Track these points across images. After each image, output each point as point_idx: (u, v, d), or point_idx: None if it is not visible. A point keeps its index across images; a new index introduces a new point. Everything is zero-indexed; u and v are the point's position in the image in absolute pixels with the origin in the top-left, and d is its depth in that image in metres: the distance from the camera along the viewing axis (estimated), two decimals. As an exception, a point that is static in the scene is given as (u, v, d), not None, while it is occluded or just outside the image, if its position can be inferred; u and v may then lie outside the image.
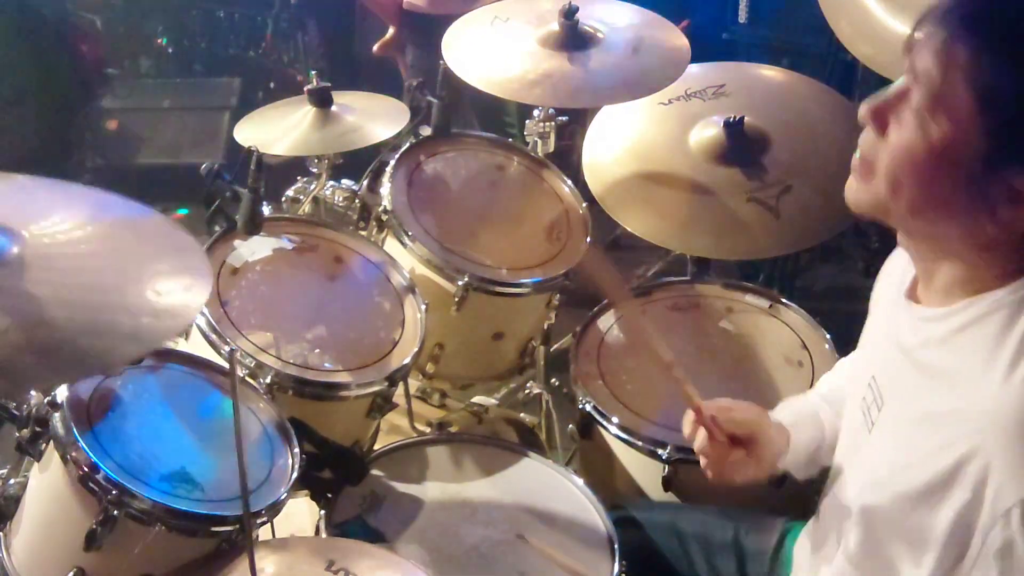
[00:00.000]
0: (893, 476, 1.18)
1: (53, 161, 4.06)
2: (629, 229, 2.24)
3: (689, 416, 1.53)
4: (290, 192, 2.63)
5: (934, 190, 1.13)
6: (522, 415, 2.36)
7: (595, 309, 2.23)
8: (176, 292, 1.33)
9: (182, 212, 3.37)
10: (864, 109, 1.18)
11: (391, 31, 3.57)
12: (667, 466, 1.90)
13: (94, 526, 1.44)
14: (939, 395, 1.15)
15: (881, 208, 1.18)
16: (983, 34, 1.09)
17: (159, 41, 4.61)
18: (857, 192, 1.21)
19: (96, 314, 1.25)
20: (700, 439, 1.51)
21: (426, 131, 2.34)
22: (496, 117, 3.54)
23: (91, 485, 1.45)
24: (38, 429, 1.51)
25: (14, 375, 1.18)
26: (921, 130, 1.11)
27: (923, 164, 1.12)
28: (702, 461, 1.52)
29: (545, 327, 2.33)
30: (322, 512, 1.75)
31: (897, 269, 1.35)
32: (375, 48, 3.61)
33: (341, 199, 2.55)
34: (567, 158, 2.62)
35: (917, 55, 1.13)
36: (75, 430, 1.47)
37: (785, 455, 1.52)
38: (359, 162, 2.48)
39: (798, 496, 1.68)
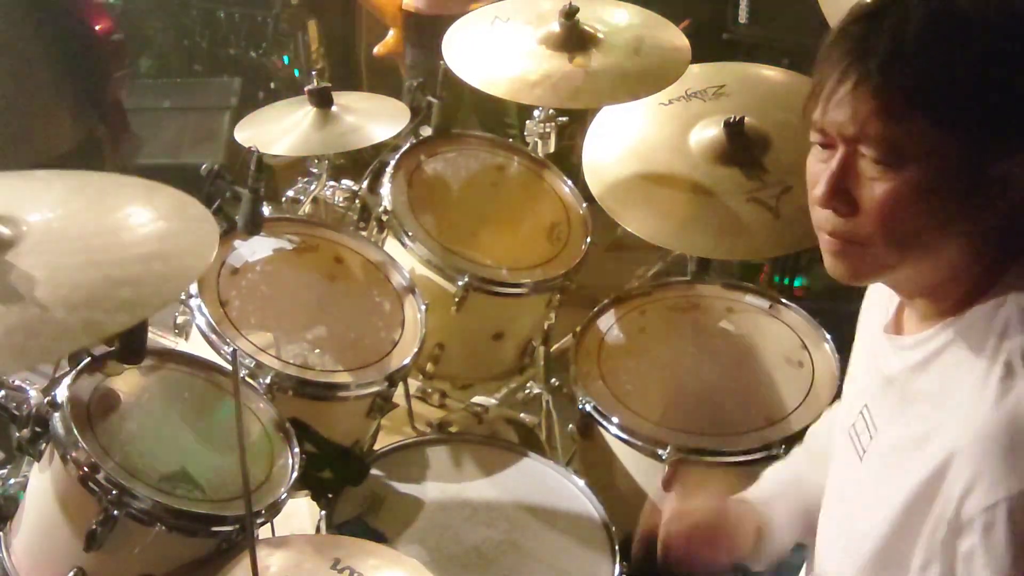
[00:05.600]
0: (884, 498, 1.18)
1: (101, 150, 3.92)
2: (629, 229, 2.24)
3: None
4: (290, 192, 2.63)
5: (937, 220, 1.09)
6: (522, 415, 2.37)
7: (595, 309, 2.23)
8: (179, 256, 1.33)
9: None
10: (823, 196, 1.12)
11: (391, 33, 3.57)
12: (667, 466, 1.90)
13: (94, 526, 1.44)
14: (924, 417, 1.15)
15: (885, 270, 1.16)
16: (917, 65, 1.05)
17: (159, 41, 4.61)
18: (857, 267, 1.16)
19: (89, 289, 1.25)
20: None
21: (426, 131, 2.34)
22: (497, 119, 3.54)
23: (91, 485, 1.45)
24: (38, 429, 1.51)
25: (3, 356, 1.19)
26: (896, 179, 1.07)
27: (918, 204, 1.08)
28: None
29: (545, 327, 2.33)
30: (322, 512, 1.76)
31: (880, 299, 1.34)
32: (375, 50, 3.61)
33: (341, 199, 2.55)
34: (567, 158, 2.61)
35: (835, 114, 1.09)
36: (75, 430, 1.47)
37: (764, 539, 1.50)
38: (359, 162, 2.48)
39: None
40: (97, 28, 3.74)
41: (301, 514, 1.90)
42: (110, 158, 3.65)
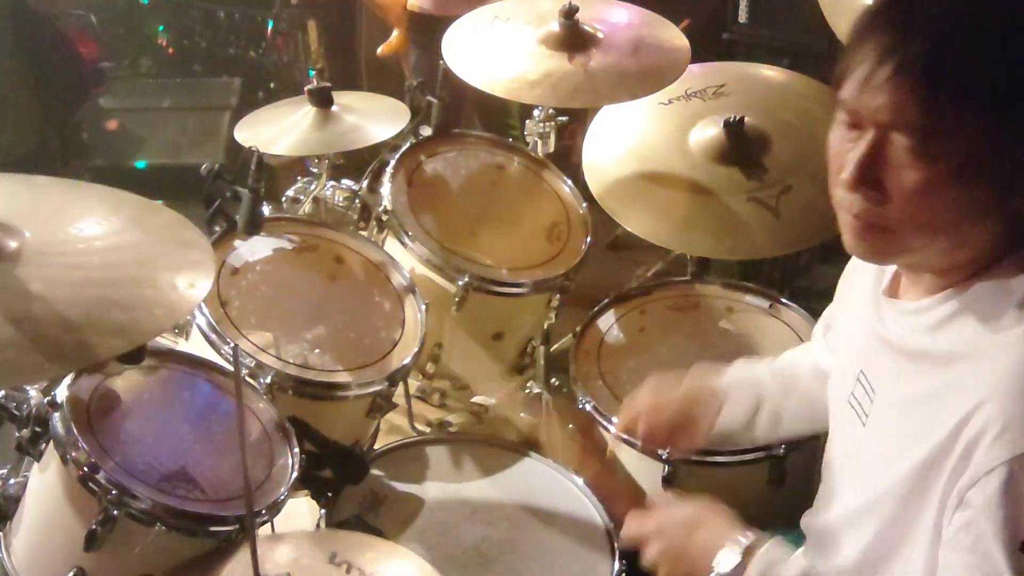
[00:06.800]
0: (893, 459, 1.18)
1: (52, 161, 4.05)
2: (629, 229, 2.24)
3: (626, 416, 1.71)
4: (290, 192, 2.63)
5: (967, 208, 1.09)
6: (522, 415, 2.36)
7: (595, 309, 2.23)
8: (179, 287, 1.34)
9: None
10: (851, 181, 1.11)
11: (396, 33, 3.56)
12: (667, 466, 1.90)
13: (94, 526, 1.44)
14: (933, 375, 1.16)
15: (909, 253, 1.16)
16: (966, 54, 1.04)
17: (159, 41, 4.60)
18: (880, 249, 1.16)
19: (88, 309, 1.25)
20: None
21: (427, 131, 2.34)
22: (499, 119, 3.54)
23: (91, 485, 1.45)
24: (38, 429, 1.51)
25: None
26: (929, 168, 1.06)
27: (949, 193, 1.08)
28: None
29: (545, 327, 2.33)
30: (322, 511, 1.76)
31: (868, 264, 1.33)
32: (379, 51, 3.60)
33: (341, 199, 2.55)
34: (567, 158, 2.61)
35: (870, 98, 1.08)
36: (75, 430, 1.47)
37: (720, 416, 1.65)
38: (359, 162, 2.48)
39: (795, 497, 1.68)
40: (79, 48, 3.88)
41: (301, 514, 1.90)
42: (61, 164, 3.83)
